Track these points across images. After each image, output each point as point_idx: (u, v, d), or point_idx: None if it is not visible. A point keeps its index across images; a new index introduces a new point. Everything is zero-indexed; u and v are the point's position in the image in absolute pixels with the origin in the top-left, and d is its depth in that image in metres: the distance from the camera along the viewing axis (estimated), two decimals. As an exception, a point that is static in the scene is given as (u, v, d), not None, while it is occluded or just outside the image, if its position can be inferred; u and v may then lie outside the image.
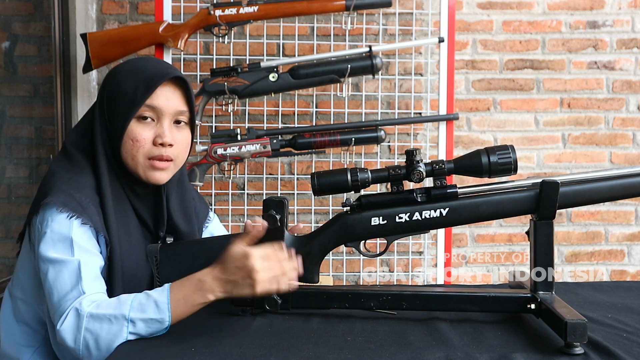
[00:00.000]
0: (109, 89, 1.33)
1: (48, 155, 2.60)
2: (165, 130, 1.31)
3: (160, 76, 1.30)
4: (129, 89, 1.30)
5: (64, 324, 1.15)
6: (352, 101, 2.68)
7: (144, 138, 1.30)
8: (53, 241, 1.21)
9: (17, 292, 1.36)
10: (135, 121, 1.30)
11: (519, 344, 1.12)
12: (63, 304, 1.17)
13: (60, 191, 1.24)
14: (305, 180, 2.71)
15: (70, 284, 1.19)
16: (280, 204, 1.24)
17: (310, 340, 1.14)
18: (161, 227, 1.39)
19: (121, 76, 1.32)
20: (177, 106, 1.33)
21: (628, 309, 1.35)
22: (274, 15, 2.32)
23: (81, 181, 1.28)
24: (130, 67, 1.34)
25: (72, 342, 1.14)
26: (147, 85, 1.29)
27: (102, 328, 1.13)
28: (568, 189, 1.23)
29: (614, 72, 2.87)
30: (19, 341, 1.34)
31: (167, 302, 1.15)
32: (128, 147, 1.30)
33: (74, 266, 1.20)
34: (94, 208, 1.26)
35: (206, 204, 1.58)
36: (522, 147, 2.85)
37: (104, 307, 1.15)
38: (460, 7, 2.80)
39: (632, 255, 2.92)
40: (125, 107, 1.29)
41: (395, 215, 1.24)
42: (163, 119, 1.32)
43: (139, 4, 2.78)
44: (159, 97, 1.30)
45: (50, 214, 1.23)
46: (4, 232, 2.44)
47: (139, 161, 1.31)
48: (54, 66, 2.61)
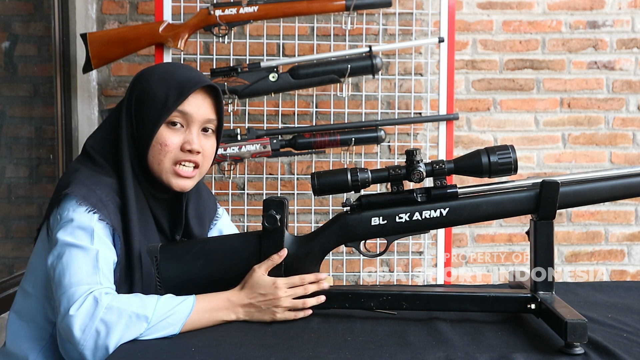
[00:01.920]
0: (138, 93, 1.33)
1: (48, 155, 2.60)
2: (193, 137, 1.32)
3: (193, 83, 1.31)
4: (160, 94, 1.30)
5: (80, 309, 1.14)
6: (352, 101, 2.68)
7: (172, 143, 1.31)
8: (73, 228, 1.21)
9: (28, 287, 1.35)
10: (165, 126, 1.31)
11: (519, 344, 1.12)
12: (76, 289, 1.16)
13: (81, 185, 1.25)
14: (305, 180, 2.71)
15: (86, 270, 1.18)
16: (280, 204, 1.25)
17: (310, 340, 1.14)
18: (178, 232, 1.40)
19: (152, 81, 1.33)
20: (207, 114, 1.34)
21: (628, 309, 1.35)
22: (274, 15, 2.32)
23: (103, 179, 1.29)
24: (162, 72, 1.34)
25: (81, 330, 1.13)
26: (180, 92, 1.30)
27: (119, 322, 1.13)
28: (568, 189, 1.23)
29: (614, 72, 2.87)
30: (26, 339, 1.33)
31: (188, 313, 1.18)
32: (156, 152, 1.31)
33: (93, 254, 1.20)
34: (113, 206, 1.27)
35: (214, 199, 1.58)
36: (522, 147, 2.85)
37: (125, 302, 1.15)
38: (460, 7, 2.79)
39: (632, 255, 2.92)
40: (156, 112, 1.30)
41: (395, 215, 1.24)
42: (192, 125, 1.32)
43: (139, 4, 2.78)
44: (190, 104, 1.31)
45: (71, 205, 1.23)
46: (4, 232, 2.44)
47: (164, 166, 1.31)
48: (54, 66, 2.61)
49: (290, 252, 1.26)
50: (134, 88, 1.35)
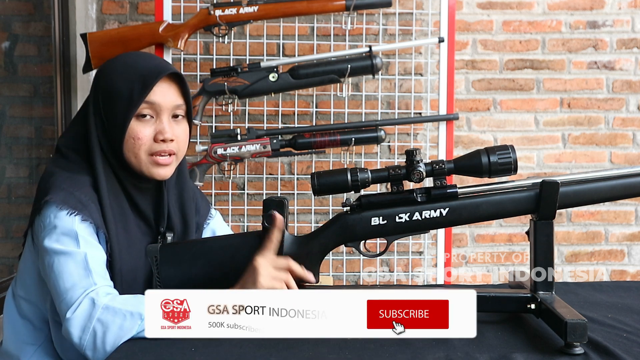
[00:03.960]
0: (103, 89, 1.33)
1: (48, 155, 2.60)
2: (165, 126, 1.32)
3: (155, 73, 1.31)
4: (124, 88, 1.30)
5: (76, 311, 1.15)
6: (352, 101, 2.68)
7: (145, 135, 1.31)
8: (57, 235, 1.22)
9: (20, 291, 1.35)
10: (135, 120, 1.31)
11: (519, 344, 1.12)
12: (72, 293, 1.17)
13: (59, 189, 1.25)
14: (305, 180, 2.70)
15: (78, 274, 1.19)
16: (280, 204, 1.24)
17: (310, 340, 1.14)
18: (162, 222, 1.40)
19: (114, 75, 1.32)
20: (174, 100, 1.34)
21: (628, 309, 1.35)
22: (274, 15, 2.32)
23: (79, 179, 1.29)
24: (122, 65, 1.34)
25: (80, 331, 1.14)
26: (144, 84, 1.30)
27: (114, 322, 1.13)
28: (568, 189, 1.22)
29: (614, 72, 2.87)
30: (22, 338, 1.34)
31: None
32: (130, 146, 1.31)
33: (81, 257, 1.21)
34: (94, 205, 1.27)
35: (207, 201, 1.59)
36: (522, 147, 2.85)
37: (121, 302, 1.16)
38: (460, 7, 2.79)
39: (632, 255, 2.92)
40: (124, 107, 1.30)
41: (395, 215, 1.23)
42: (162, 114, 1.33)
43: (139, 4, 2.78)
44: (155, 93, 1.31)
45: (52, 211, 1.23)
46: (4, 232, 2.44)
47: (141, 159, 1.32)
48: (54, 66, 2.61)
49: (290, 252, 1.26)
50: (98, 85, 1.34)
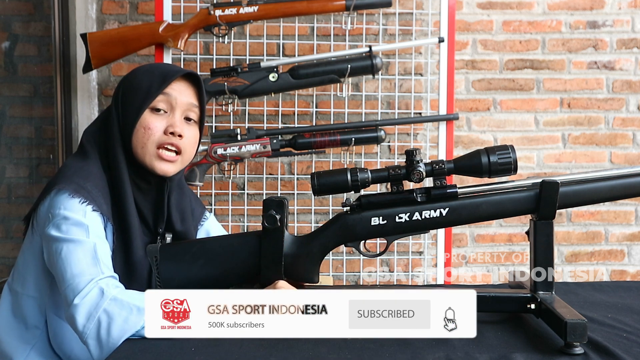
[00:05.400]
0: (124, 87, 1.39)
1: (48, 155, 2.60)
2: (177, 122, 1.36)
3: (175, 72, 1.38)
4: (145, 81, 1.36)
5: (85, 299, 1.15)
6: (352, 101, 2.68)
7: (156, 126, 1.35)
8: (67, 223, 1.23)
9: (17, 286, 1.36)
10: (149, 111, 1.35)
11: (519, 344, 1.12)
12: (79, 279, 1.18)
13: (71, 181, 1.28)
14: (305, 180, 2.70)
15: (86, 262, 1.20)
16: (280, 204, 1.25)
17: (310, 340, 1.14)
18: (160, 224, 1.41)
19: (139, 72, 1.40)
20: (190, 99, 1.38)
21: (628, 309, 1.35)
22: (274, 15, 2.32)
23: (91, 172, 1.31)
24: (149, 66, 1.43)
25: (85, 319, 1.14)
26: (163, 79, 1.35)
27: (120, 314, 1.13)
28: (568, 189, 1.23)
29: (614, 72, 2.87)
30: (15, 338, 1.34)
31: None
32: (139, 136, 1.34)
33: (90, 246, 1.22)
34: (103, 198, 1.29)
35: (202, 203, 1.62)
36: (522, 147, 2.85)
37: (129, 296, 1.17)
38: (460, 7, 2.79)
39: (632, 255, 2.92)
40: (140, 99, 1.34)
41: (395, 215, 1.24)
42: (175, 110, 1.37)
43: (139, 4, 2.78)
44: (173, 88, 1.36)
45: (63, 199, 1.25)
46: (4, 232, 2.44)
47: (148, 149, 1.34)
48: (54, 66, 2.61)
49: (290, 252, 1.26)
50: (121, 85, 1.40)
